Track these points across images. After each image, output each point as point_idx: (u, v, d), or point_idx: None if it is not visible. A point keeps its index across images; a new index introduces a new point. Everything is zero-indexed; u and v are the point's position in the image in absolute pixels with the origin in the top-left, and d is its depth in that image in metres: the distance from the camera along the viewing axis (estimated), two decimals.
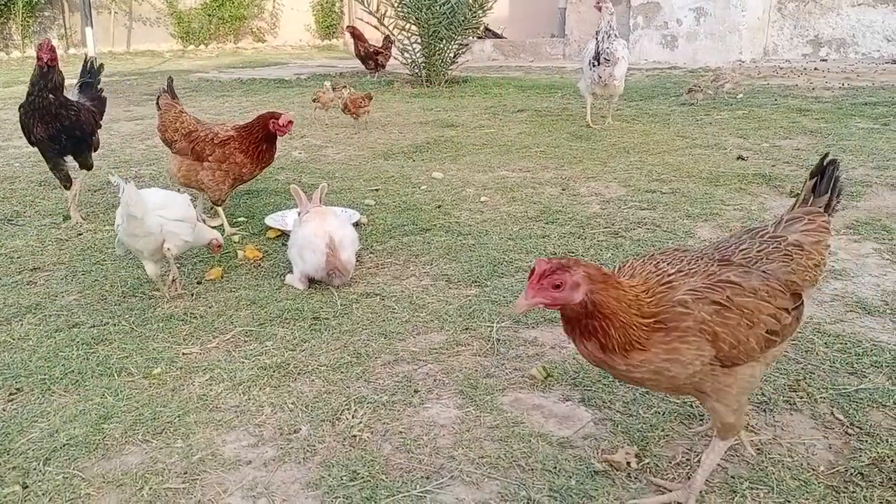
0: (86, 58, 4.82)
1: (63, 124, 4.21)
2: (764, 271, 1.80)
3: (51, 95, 4.16)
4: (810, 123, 6.76)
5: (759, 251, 1.85)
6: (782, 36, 12.86)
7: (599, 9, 6.64)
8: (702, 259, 1.80)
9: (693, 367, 1.68)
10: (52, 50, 4.17)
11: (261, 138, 4.08)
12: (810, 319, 2.85)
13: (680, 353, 1.66)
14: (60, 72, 4.23)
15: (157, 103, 4.40)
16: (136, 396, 2.42)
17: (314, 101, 7.53)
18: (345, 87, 7.19)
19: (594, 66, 6.58)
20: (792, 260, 1.85)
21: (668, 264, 1.78)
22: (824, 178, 1.98)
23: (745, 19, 12.40)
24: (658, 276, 1.75)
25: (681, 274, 1.75)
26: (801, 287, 1.85)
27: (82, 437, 2.19)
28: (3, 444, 2.17)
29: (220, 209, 4.19)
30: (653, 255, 1.85)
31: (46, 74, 4.14)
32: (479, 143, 6.50)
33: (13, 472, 2.04)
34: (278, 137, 4.15)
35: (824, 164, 1.98)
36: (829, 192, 1.97)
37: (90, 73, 4.73)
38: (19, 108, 4.29)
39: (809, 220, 1.93)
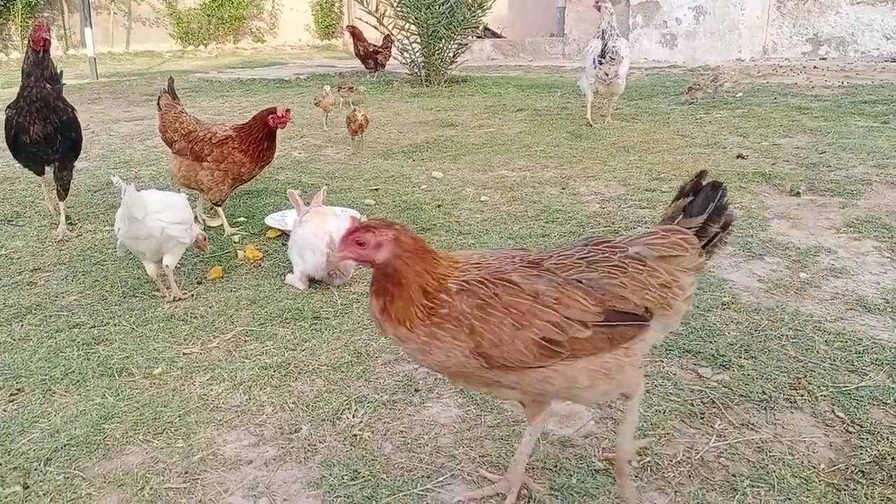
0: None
1: (61, 119, 3.96)
2: (578, 280, 1.68)
3: (48, 85, 3.90)
4: (810, 122, 6.76)
5: (580, 258, 1.72)
6: (782, 34, 12.86)
7: (598, 8, 6.65)
8: (515, 258, 1.74)
9: (455, 357, 1.65)
10: (49, 30, 3.90)
11: (261, 137, 4.07)
12: (811, 317, 2.85)
13: (437, 338, 1.65)
14: (52, 62, 3.99)
15: (158, 104, 4.38)
16: (136, 396, 2.42)
17: (316, 104, 7.49)
18: (351, 88, 6.99)
19: (599, 63, 6.59)
20: (624, 273, 1.69)
21: (494, 259, 1.74)
22: (698, 198, 1.78)
23: (744, 18, 12.40)
24: (465, 266, 1.72)
25: (486, 269, 1.71)
26: (637, 305, 1.69)
27: (83, 438, 2.19)
28: (4, 444, 2.17)
29: (220, 209, 4.19)
30: (487, 250, 1.85)
31: (42, 61, 3.88)
32: (478, 142, 6.50)
33: (14, 473, 2.04)
34: (278, 136, 4.15)
35: (701, 183, 1.77)
36: (707, 215, 1.76)
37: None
38: (7, 108, 3.98)
39: (663, 234, 1.75)
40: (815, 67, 11.04)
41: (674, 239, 1.74)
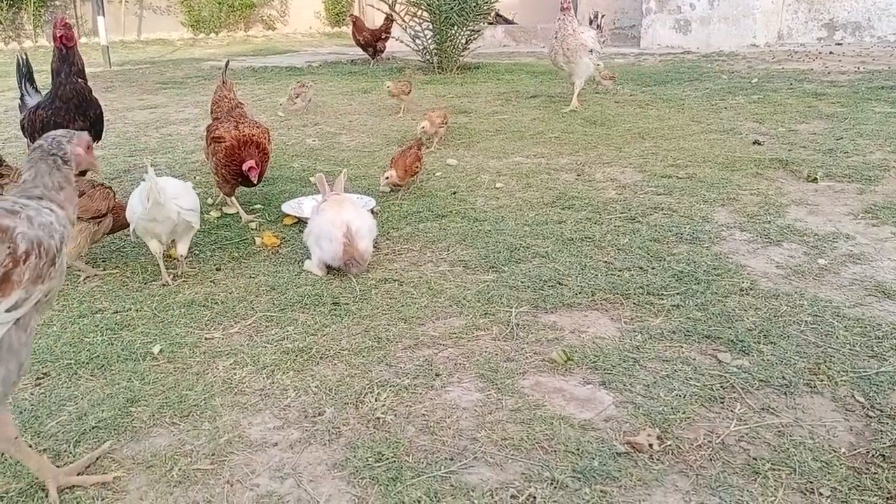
0: (24, 57, 4.25)
1: (96, 112, 3.91)
2: None
3: (79, 80, 3.84)
4: (826, 108, 6.71)
5: None
6: (797, 20, 12.72)
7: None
8: None
9: None
10: (67, 27, 3.82)
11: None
12: (829, 303, 2.86)
13: None
14: (80, 56, 3.94)
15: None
16: (161, 380, 2.46)
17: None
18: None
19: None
20: None
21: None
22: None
23: (759, 3, 12.27)
24: None
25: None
26: None
27: (111, 420, 2.23)
28: (34, 426, 2.21)
29: (230, 199, 4.22)
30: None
31: (67, 57, 3.82)
32: (492, 129, 6.49)
33: (44, 455, 2.08)
34: (291, 125, 4.15)
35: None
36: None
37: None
38: (37, 111, 3.83)
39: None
40: (830, 53, 10.93)
41: None
